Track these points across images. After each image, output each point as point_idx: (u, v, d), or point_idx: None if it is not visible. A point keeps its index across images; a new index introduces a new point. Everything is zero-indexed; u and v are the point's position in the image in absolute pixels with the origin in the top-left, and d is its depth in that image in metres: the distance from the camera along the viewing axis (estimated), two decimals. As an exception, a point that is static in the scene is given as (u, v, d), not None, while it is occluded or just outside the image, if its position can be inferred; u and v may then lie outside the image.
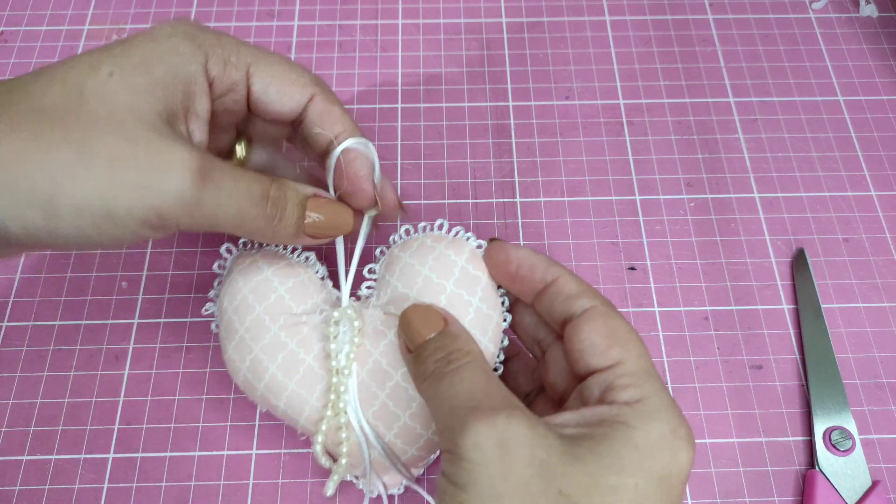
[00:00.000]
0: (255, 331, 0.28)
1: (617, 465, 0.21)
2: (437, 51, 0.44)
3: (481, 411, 0.21)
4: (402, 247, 0.29)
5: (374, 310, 0.29)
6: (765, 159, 0.40)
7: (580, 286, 0.26)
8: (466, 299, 0.27)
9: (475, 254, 0.28)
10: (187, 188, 0.23)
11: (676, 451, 0.22)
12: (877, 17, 0.46)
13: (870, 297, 0.36)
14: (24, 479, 0.32)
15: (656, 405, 0.22)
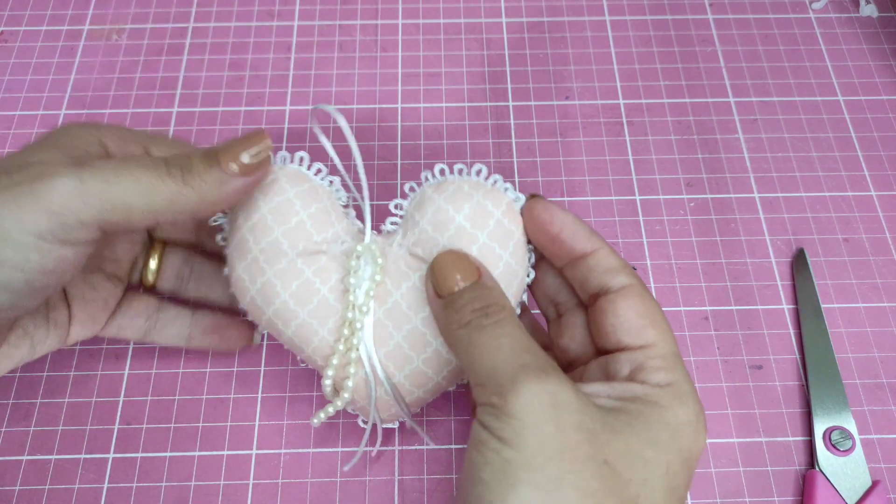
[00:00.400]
0: (270, 254, 0.27)
1: (653, 441, 0.21)
2: (437, 51, 0.44)
3: (532, 370, 0.21)
4: (436, 188, 0.28)
5: (400, 249, 0.28)
6: (765, 159, 0.40)
7: (620, 262, 0.26)
8: (498, 253, 0.26)
9: (511, 207, 0.27)
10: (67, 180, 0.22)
11: (698, 434, 0.23)
12: (877, 17, 0.46)
13: (870, 297, 0.36)
14: (24, 479, 0.32)
15: (685, 391, 0.23)
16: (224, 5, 0.46)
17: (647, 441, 0.21)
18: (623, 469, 0.20)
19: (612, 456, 0.20)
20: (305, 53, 0.44)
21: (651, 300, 0.25)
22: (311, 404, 0.33)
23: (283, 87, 0.42)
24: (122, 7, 0.45)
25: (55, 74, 0.43)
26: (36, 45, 0.44)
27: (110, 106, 0.42)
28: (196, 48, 0.44)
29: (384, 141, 0.40)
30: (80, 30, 0.45)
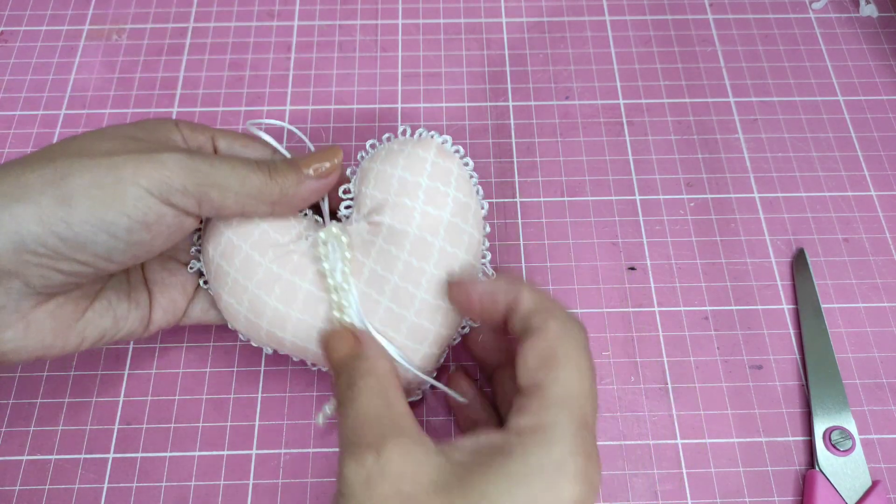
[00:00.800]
0: (246, 269, 0.28)
1: (479, 491, 0.20)
2: (437, 51, 0.44)
3: (356, 445, 0.22)
4: (370, 158, 0.30)
5: (358, 223, 0.29)
6: (765, 159, 0.40)
7: (538, 303, 0.24)
8: (443, 191, 0.28)
9: (442, 148, 0.29)
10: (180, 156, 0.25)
11: (555, 485, 0.20)
12: (877, 17, 0.46)
13: (870, 297, 0.36)
14: (24, 479, 0.32)
15: (551, 437, 0.21)
16: (224, 5, 0.45)
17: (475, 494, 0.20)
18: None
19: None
20: (305, 53, 0.44)
21: (563, 342, 0.23)
22: (312, 404, 0.33)
23: (283, 87, 0.42)
24: (122, 7, 0.45)
25: (55, 74, 0.43)
26: (36, 45, 0.44)
27: (110, 106, 0.42)
28: (196, 48, 0.44)
29: (384, 141, 0.40)
30: (80, 30, 0.45)
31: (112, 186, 0.23)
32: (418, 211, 0.28)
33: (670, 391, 0.34)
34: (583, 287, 0.36)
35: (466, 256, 0.29)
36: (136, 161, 0.24)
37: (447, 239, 0.28)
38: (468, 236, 0.28)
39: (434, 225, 0.28)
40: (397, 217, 0.28)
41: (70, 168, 0.23)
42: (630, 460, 0.32)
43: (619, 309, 0.36)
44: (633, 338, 0.35)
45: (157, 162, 0.24)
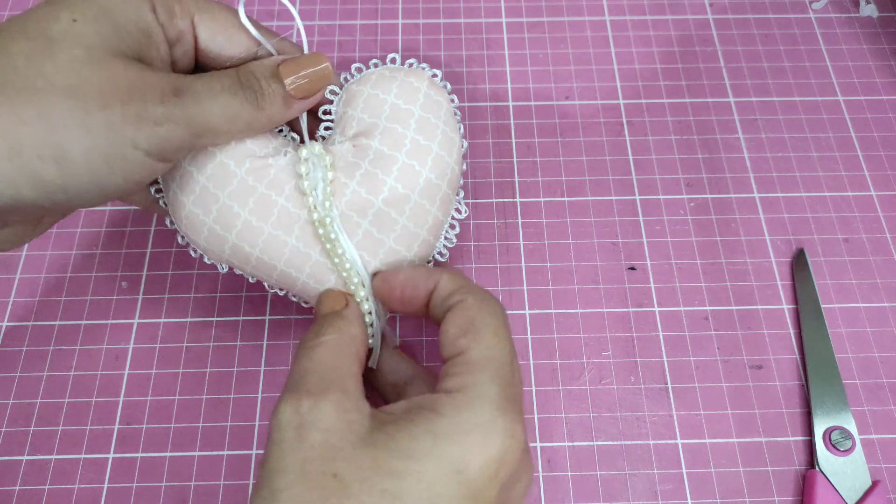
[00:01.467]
0: (219, 178, 0.27)
1: (406, 451, 0.20)
2: (438, 51, 0.44)
3: (296, 391, 0.22)
4: (359, 81, 0.29)
5: (342, 144, 0.29)
6: (765, 159, 0.40)
7: (456, 285, 0.25)
8: (433, 122, 0.28)
9: (433, 81, 0.29)
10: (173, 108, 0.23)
11: (481, 441, 0.21)
12: (877, 17, 0.46)
13: (870, 297, 0.36)
14: (24, 479, 0.32)
15: (475, 395, 0.22)
16: (224, 5, 0.45)
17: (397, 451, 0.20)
18: (352, 481, 0.20)
19: (345, 470, 0.20)
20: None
21: (479, 310, 0.24)
22: (311, 404, 0.33)
23: (283, 87, 0.42)
24: (122, 7, 0.45)
25: (55, 74, 0.43)
26: (36, 45, 0.44)
27: (110, 106, 0.41)
28: (196, 48, 0.44)
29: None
30: (80, 30, 0.44)
31: (113, 154, 0.22)
32: (409, 138, 0.28)
33: (670, 391, 0.34)
34: (583, 287, 0.36)
35: (448, 190, 0.29)
36: (136, 122, 0.22)
37: (434, 170, 0.28)
38: (451, 170, 0.29)
39: (423, 154, 0.28)
40: (387, 142, 0.28)
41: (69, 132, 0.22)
42: (630, 460, 0.32)
43: (619, 309, 0.36)
44: (633, 338, 0.35)
45: (156, 121, 0.23)
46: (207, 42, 0.27)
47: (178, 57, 0.27)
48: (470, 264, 0.37)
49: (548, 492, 0.32)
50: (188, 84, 0.24)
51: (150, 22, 0.25)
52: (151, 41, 0.25)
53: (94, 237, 0.37)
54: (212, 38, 0.27)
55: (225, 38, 0.27)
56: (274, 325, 0.35)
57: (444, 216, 0.29)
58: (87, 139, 0.22)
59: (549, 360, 0.35)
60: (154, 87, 0.23)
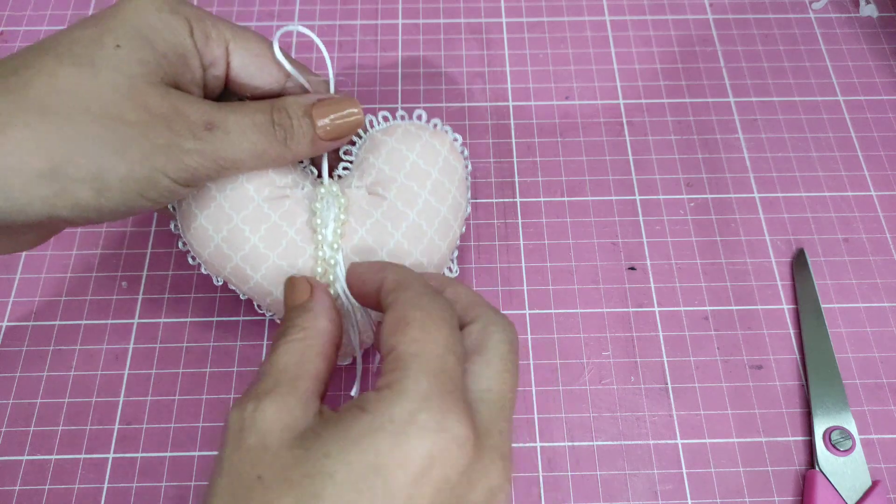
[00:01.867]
0: (236, 200, 0.28)
1: (323, 450, 0.20)
2: (437, 51, 0.44)
3: (245, 395, 0.22)
4: (385, 132, 0.30)
5: (359, 190, 0.30)
6: (765, 159, 0.40)
7: (396, 281, 0.25)
8: (447, 187, 0.29)
9: (454, 146, 0.31)
10: (204, 141, 0.25)
11: (402, 437, 0.19)
12: (877, 17, 0.46)
13: (870, 297, 0.36)
14: (24, 479, 0.32)
15: (401, 390, 0.20)
16: (224, 5, 0.45)
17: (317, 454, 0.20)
18: (273, 483, 0.19)
19: (268, 471, 0.20)
20: (306, 53, 0.44)
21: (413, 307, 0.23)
22: (311, 404, 0.33)
23: (283, 87, 0.42)
24: (122, 7, 0.45)
25: (55, 74, 0.43)
26: (36, 45, 0.44)
27: (110, 106, 0.41)
28: (196, 48, 0.44)
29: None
30: (80, 30, 0.44)
31: (146, 180, 0.24)
32: (423, 199, 0.29)
33: (670, 391, 0.34)
34: (583, 287, 0.36)
35: (446, 251, 0.30)
36: (167, 152, 0.24)
37: (438, 231, 0.29)
38: (452, 233, 0.30)
39: (432, 216, 0.29)
40: (402, 198, 0.29)
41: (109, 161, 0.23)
42: (630, 460, 0.32)
43: (619, 309, 0.36)
44: (633, 338, 0.35)
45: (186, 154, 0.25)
46: (239, 69, 0.28)
47: (210, 80, 0.28)
48: (470, 264, 0.37)
49: (548, 492, 0.32)
50: (221, 118, 0.26)
51: (187, 46, 0.26)
52: (188, 65, 0.26)
53: (95, 237, 0.37)
54: (244, 67, 0.28)
55: (256, 67, 0.29)
56: (273, 326, 0.35)
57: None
58: (123, 166, 0.23)
59: (549, 360, 0.35)
60: (188, 119, 0.25)
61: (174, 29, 0.26)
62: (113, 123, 0.23)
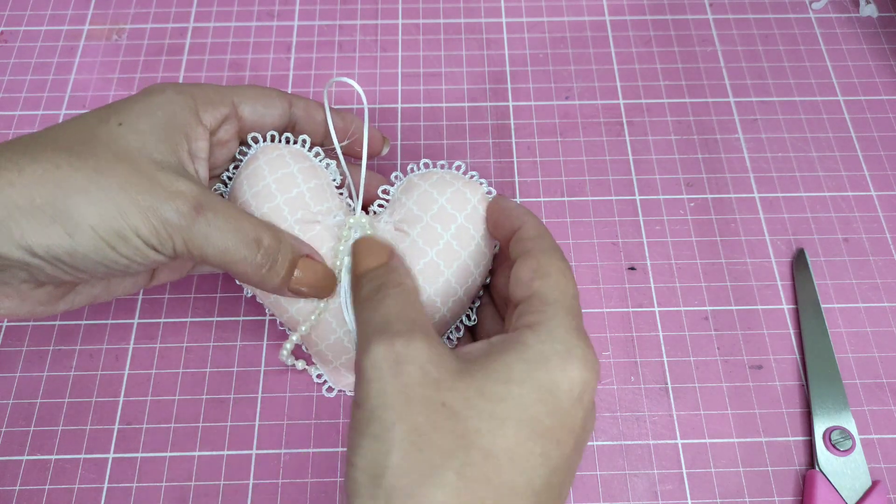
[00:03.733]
0: (271, 218, 0.29)
1: (504, 376, 0.22)
2: (437, 51, 0.44)
3: (384, 333, 0.23)
4: (422, 176, 0.32)
5: (387, 225, 0.31)
6: (765, 159, 0.40)
7: (535, 231, 0.27)
8: (472, 233, 0.30)
9: (485, 197, 0.31)
10: (183, 216, 0.25)
11: (566, 366, 0.23)
12: (877, 17, 0.46)
13: (870, 297, 0.36)
14: (24, 479, 0.32)
15: (554, 327, 0.23)
16: (224, 5, 0.46)
17: (496, 378, 0.22)
18: (462, 408, 0.21)
19: (451, 398, 0.21)
20: (305, 53, 0.44)
21: (549, 257, 0.26)
22: (312, 404, 0.33)
23: (283, 87, 0.42)
24: (122, 7, 0.45)
25: (55, 74, 0.43)
26: (36, 45, 0.44)
27: (110, 106, 0.42)
28: (196, 48, 0.44)
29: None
30: (80, 30, 0.45)
31: (116, 234, 0.24)
32: (444, 240, 0.30)
33: (670, 391, 0.34)
34: (583, 287, 0.36)
35: (463, 296, 0.30)
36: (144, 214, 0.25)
37: (456, 274, 0.30)
38: (472, 279, 0.30)
39: (451, 258, 0.30)
40: (424, 236, 0.30)
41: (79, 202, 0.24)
42: (630, 460, 0.32)
43: (619, 309, 0.36)
44: (633, 338, 0.35)
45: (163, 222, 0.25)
46: (250, 113, 0.31)
47: (224, 136, 0.30)
48: (470, 264, 0.37)
49: (548, 492, 0.32)
50: (213, 207, 0.26)
51: (188, 120, 0.28)
52: (191, 138, 0.28)
53: (94, 237, 0.37)
54: (253, 110, 0.31)
55: (263, 105, 0.31)
56: (273, 326, 0.35)
57: (451, 318, 0.31)
58: (95, 213, 0.24)
59: (549, 360, 0.34)
60: (178, 192, 0.25)
61: (176, 103, 0.28)
62: (97, 175, 0.24)
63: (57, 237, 0.24)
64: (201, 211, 0.25)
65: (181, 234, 0.25)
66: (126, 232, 0.24)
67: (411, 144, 0.40)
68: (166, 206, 0.25)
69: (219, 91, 0.30)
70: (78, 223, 0.24)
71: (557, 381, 0.22)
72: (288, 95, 0.32)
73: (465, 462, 0.20)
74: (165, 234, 0.25)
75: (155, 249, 0.25)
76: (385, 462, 0.20)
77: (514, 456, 0.21)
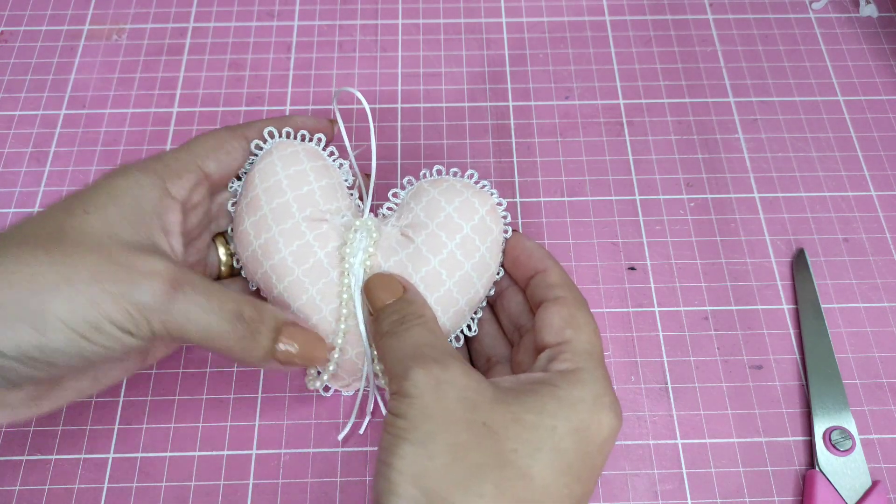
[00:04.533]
0: (279, 213, 0.30)
1: (538, 408, 0.24)
2: (437, 51, 0.44)
3: (423, 359, 0.24)
4: (432, 183, 0.32)
5: (393, 229, 0.31)
6: (765, 159, 0.40)
7: (562, 280, 0.29)
8: (477, 244, 0.30)
9: (494, 208, 0.31)
10: (158, 296, 0.24)
11: (597, 411, 0.24)
12: (877, 17, 0.46)
13: (870, 297, 0.36)
14: (24, 479, 0.32)
15: (586, 376, 0.25)
16: (224, 5, 0.46)
17: (531, 409, 0.24)
18: (500, 429, 0.23)
19: (491, 420, 0.23)
20: (305, 53, 0.44)
21: (580, 310, 0.27)
22: (312, 404, 0.33)
23: (283, 87, 0.42)
24: (122, 7, 0.45)
25: (55, 74, 0.43)
26: (36, 45, 0.44)
27: (110, 106, 0.42)
28: (196, 48, 0.44)
29: (384, 141, 0.40)
30: (80, 30, 0.45)
31: (88, 325, 0.23)
32: (448, 249, 0.30)
33: (670, 391, 0.34)
34: (583, 287, 0.36)
35: (465, 306, 0.30)
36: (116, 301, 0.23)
37: (458, 284, 0.30)
38: (475, 291, 0.30)
39: (454, 268, 0.30)
40: (428, 244, 0.30)
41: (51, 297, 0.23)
42: (630, 460, 0.32)
43: (619, 309, 0.36)
44: (633, 338, 0.35)
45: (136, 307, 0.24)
46: (216, 170, 0.30)
47: (199, 200, 0.30)
48: (470, 264, 0.37)
49: (548, 492, 0.32)
50: (189, 281, 0.25)
51: (156, 199, 0.27)
52: (160, 217, 0.27)
53: (94, 237, 0.37)
54: (217, 164, 0.30)
55: (225, 151, 0.31)
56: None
57: (452, 327, 0.31)
58: (65, 307, 0.23)
59: (549, 360, 0.34)
60: (150, 273, 0.24)
61: (143, 185, 0.27)
62: (66, 269, 0.23)
63: (25, 335, 0.22)
64: (178, 287, 0.24)
65: (158, 316, 0.24)
66: (99, 321, 0.23)
67: (411, 144, 0.40)
68: (140, 289, 0.24)
69: (180, 159, 0.29)
70: (47, 319, 0.22)
71: (587, 423, 0.24)
72: (239, 129, 0.31)
73: (503, 477, 0.22)
74: (141, 318, 0.24)
75: (130, 334, 0.24)
76: (427, 466, 0.22)
77: (544, 482, 0.22)
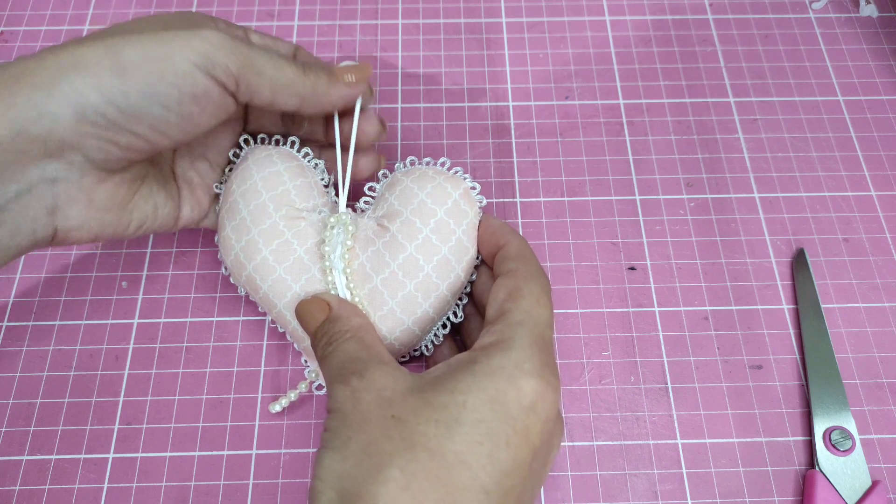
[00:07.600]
0: (257, 215, 0.31)
1: (450, 388, 0.24)
2: (437, 51, 0.44)
3: (343, 375, 0.25)
4: (405, 173, 0.32)
5: (369, 220, 0.32)
6: (765, 159, 0.40)
7: (519, 252, 0.29)
8: (452, 228, 0.30)
9: (468, 191, 0.32)
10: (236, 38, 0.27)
11: (516, 378, 0.24)
12: (877, 17, 0.46)
13: (870, 297, 0.36)
14: (24, 479, 0.32)
15: (508, 345, 0.25)
16: (224, 5, 0.45)
17: (442, 389, 0.24)
18: (409, 416, 0.23)
19: (400, 411, 0.23)
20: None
21: (528, 282, 0.27)
22: (312, 404, 0.33)
23: (283, 87, 0.42)
24: (122, 7, 0.45)
25: (55, 74, 0.43)
26: (36, 45, 0.44)
27: (110, 106, 0.41)
28: (196, 48, 0.44)
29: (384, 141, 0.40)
30: (80, 30, 0.45)
31: (163, 60, 0.25)
32: (423, 235, 0.30)
33: (670, 391, 0.34)
34: (583, 287, 0.36)
35: (446, 291, 0.30)
36: (184, 37, 0.26)
37: (437, 269, 0.30)
38: (455, 276, 0.30)
39: (430, 253, 0.30)
40: (403, 231, 0.30)
41: (123, 43, 0.25)
42: (630, 460, 0.32)
43: (619, 309, 0.36)
44: (633, 338, 0.35)
45: (203, 38, 0.26)
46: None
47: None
48: (470, 264, 0.37)
49: (548, 492, 0.32)
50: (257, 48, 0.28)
51: None
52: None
53: (94, 237, 0.37)
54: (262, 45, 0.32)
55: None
56: (273, 326, 0.35)
57: (436, 314, 0.31)
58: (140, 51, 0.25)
59: (549, 360, 0.34)
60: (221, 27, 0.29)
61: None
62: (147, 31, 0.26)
63: (106, 79, 0.25)
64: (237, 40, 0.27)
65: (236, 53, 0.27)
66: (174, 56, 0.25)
67: (411, 144, 0.40)
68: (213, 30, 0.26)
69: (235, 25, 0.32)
70: (125, 63, 0.25)
71: (504, 391, 0.23)
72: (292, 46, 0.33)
73: (410, 460, 0.22)
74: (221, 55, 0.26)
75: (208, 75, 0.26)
76: (342, 469, 0.22)
77: (461, 456, 0.22)
